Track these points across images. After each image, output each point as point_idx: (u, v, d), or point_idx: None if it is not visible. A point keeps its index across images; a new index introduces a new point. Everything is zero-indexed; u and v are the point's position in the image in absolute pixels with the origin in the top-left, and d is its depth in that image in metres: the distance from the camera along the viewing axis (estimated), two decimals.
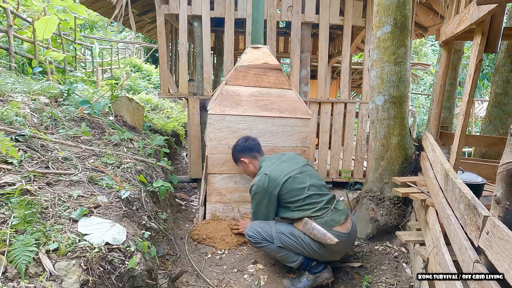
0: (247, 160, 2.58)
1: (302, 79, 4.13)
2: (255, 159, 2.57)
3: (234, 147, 2.67)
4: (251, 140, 2.64)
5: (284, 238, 2.20)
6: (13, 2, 5.80)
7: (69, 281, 1.27)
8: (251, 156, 2.58)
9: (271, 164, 2.37)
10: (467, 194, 1.44)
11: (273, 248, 2.22)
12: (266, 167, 2.34)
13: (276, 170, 2.29)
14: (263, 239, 2.24)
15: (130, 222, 1.83)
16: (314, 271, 2.20)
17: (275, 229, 2.24)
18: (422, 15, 4.89)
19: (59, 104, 3.11)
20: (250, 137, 2.69)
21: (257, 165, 2.53)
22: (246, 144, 2.61)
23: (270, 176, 2.25)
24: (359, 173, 4.24)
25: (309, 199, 2.20)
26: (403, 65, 2.67)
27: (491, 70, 8.52)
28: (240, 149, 2.61)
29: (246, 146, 2.60)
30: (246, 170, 2.64)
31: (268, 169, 2.31)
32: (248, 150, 2.59)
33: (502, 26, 1.89)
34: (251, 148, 2.59)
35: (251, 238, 2.28)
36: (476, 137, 3.24)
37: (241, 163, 2.64)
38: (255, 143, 2.64)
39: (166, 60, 4.01)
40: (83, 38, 9.76)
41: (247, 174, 2.70)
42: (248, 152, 2.59)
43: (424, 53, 15.57)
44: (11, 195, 1.54)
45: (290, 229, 2.23)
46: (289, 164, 2.36)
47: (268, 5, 3.84)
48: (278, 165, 2.35)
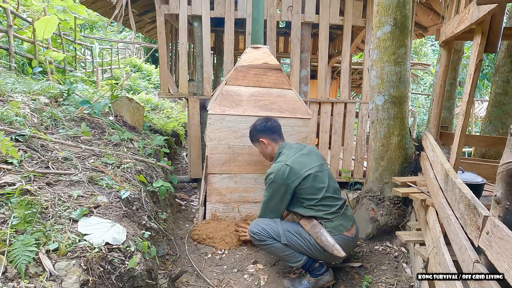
0: (266, 141, 2.45)
1: (302, 79, 4.13)
2: (274, 142, 2.45)
3: (253, 126, 2.51)
4: (272, 121, 2.50)
5: (291, 237, 2.16)
6: (13, 2, 5.80)
7: (69, 281, 1.27)
8: (271, 138, 2.45)
9: (292, 154, 2.26)
10: (467, 194, 1.44)
11: (278, 246, 2.16)
12: (288, 157, 2.24)
13: (298, 163, 2.19)
14: (268, 237, 2.18)
15: (130, 222, 1.83)
16: (316, 273, 2.18)
17: (282, 226, 2.20)
18: (422, 15, 4.89)
19: (59, 104, 3.11)
20: (271, 118, 2.55)
21: (276, 150, 2.42)
22: (267, 124, 2.47)
23: (292, 168, 2.15)
24: (359, 173, 4.24)
25: (324, 201, 2.16)
26: (403, 65, 2.67)
27: (491, 70, 8.52)
28: (261, 129, 2.46)
29: (268, 127, 2.46)
30: (264, 151, 2.51)
31: (289, 160, 2.20)
32: (269, 131, 2.46)
33: (502, 26, 1.89)
34: (272, 130, 2.46)
35: (255, 235, 2.21)
36: (476, 137, 3.24)
37: (259, 143, 2.50)
38: (277, 124, 2.51)
39: (166, 60, 4.01)
40: (83, 38, 9.76)
41: (263, 155, 2.58)
42: (268, 133, 2.45)
43: (424, 53, 15.57)
44: (11, 195, 1.54)
45: (296, 228, 2.20)
46: (310, 159, 2.27)
47: (268, 5, 3.84)
48: (300, 156, 2.25)
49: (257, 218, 2.39)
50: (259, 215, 2.38)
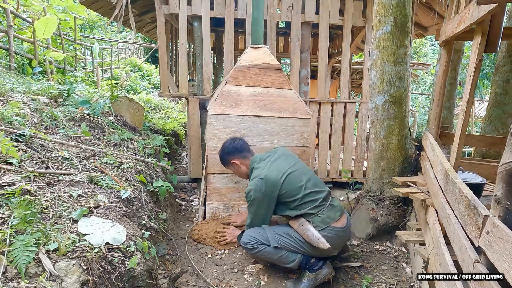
0: (238, 162, 2.49)
1: (302, 79, 4.13)
2: (246, 159, 2.49)
3: (221, 150, 2.55)
4: (238, 140, 2.55)
5: (280, 238, 2.20)
6: (13, 2, 5.80)
7: (69, 281, 1.27)
8: (241, 157, 2.49)
9: (265, 166, 2.29)
10: (467, 194, 1.44)
11: (269, 250, 2.19)
12: (261, 170, 2.26)
13: (272, 171, 2.23)
14: (259, 243, 2.21)
15: (130, 222, 1.83)
16: (314, 269, 2.20)
17: (270, 231, 2.24)
18: (422, 15, 4.89)
19: (59, 104, 3.11)
20: (236, 137, 2.60)
21: (249, 166, 2.45)
22: (234, 144, 2.51)
23: (267, 179, 2.18)
24: (359, 173, 4.24)
25: (306, 197, 2.20)
26: (403, 65, 2.67)
27: (491, 70, 8.52)
28: (230, 151, 2.50)
29: (235, 147, 2.50)
30: (238, 171, 2.55)
31: (263, 172, 2.22)
32: (237, 151, 2.49)
33: (502, 26, 1.89)
34: (240, 149, 2.50)
35: (247, 245, 2.24)
36: (476, 137, 3.24)
37: (232, 165, 2.53)
38: (243, 142, 2.55)
39: (166, 60, 4.01)
40: (83, 38, 9.76)
41: (239, 175, 2.61)
42: (238, 153, 2.49)
43: (424, 53, 15.58)
44: (11, 195, 1.54)
45: (285, 229, 2.24)
46: (283, 161, 2.31)
47: (268, 5, 3.84)
48: (272, 164, 2.29)
49: (245, 230, 2.39)
50: (247, 226, 2.38)
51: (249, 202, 2.27)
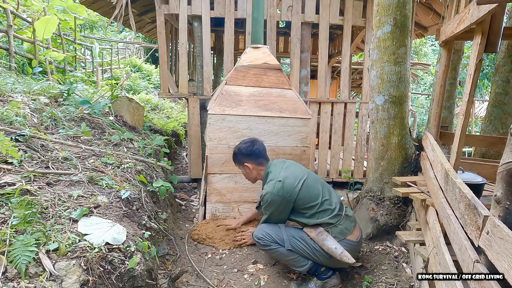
0: (251, 166, 2.40)
1: (302, 79, 4.13)
2: (260, 165, 2.40)
3: (238, 149, 2.43)
4: (258, 144, 2.42)
5: (296, 242, 2.15)
6: (13, 2, 5.80)
7: (69, 281, 1.27)
8: (256, 163, 2.40)
9: (279, 170, 2.24)
10: (467, 194, 1.44)
11: (282, 251, 2.16)
12: (277, 173, 2.22)
13: (289, 175, 2.18)
14: (272, 241, 2.17)
15: (130, 222, 1.83)
16: (323, 277, 2.17)
17: (286, 232, 2.19)
18: (422, 15, 4.89)
19: (59, 104, 3.11)
20: (257, 140, 2.46)
21: (262, 173, 2.40)
22: (253, 149, 2.39)
23: (285, 182, 2.14)
24: (359, 173, 4.24)
25: (322, 206, 2.15)
26: (403, 65, 2.67)
27: (491, 70, 8.51)
28: (247, 153, 2.40)
29: (254, 152, 2.39)
30: (247, 174, 2.48)
31: (280, 175, 2.18)
32: (254, 156, 2.39)
33: (502, 26, 1.89)
34: (258, 154, 2.40)
35: (260, 241, 2.20)
36: (476, 137, 3.24)
37: (243, 167, 2.44)
38: (262, 148, 2.44)
39: (166, 60, 4.01)
40: (83, 38, 9.76)
41: (246, 177, 2.53)
42: (254, 158, 2.39)
43: (424, 53, 15.58)
44: (11, 195, 1.54)
45: (300, 234, 2.18)
46: (297, 168, 2.29)
47: (268, 5, 3.84)
48: (287, 168, 2.25)
49: (259, 225, 2.37)
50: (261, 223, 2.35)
51: (265, 204, 2.20)
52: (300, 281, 2.31)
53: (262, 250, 2.32)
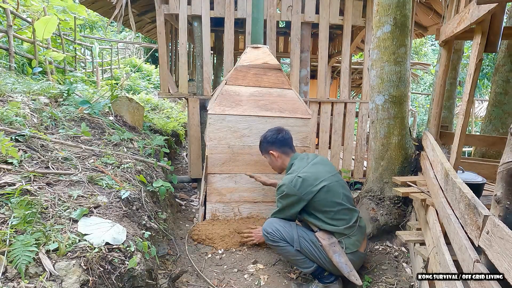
0: (276, 154, 2.38)
1: (302, 79, 4.13)
2: (285, 155, 2.38)
3: (264, 137, 2.44)
4: (284, 133, 2.41)
5: (305, 244, 2.12)
6: (13, 2, 5.80)
7: (69, 281, 1.27)
8: (281, 151, 2.38)
9: (304, 165, 2.19)
10: (467, 193, 1.44)
11: (290, 250, 2.14)
12: (300, 168, 2.18)
13: (311, 174, 2.13)
14: (281, 239, 2.15)
15: (130, 222, 1.83)
16: (325, 281, 2.15)
17: (297, 232, 2.15)
18: (422, 15, 4.89)
19: (59, 104, 3.11)
20: (282, 129, 2.45)
21: (287, 162, 2.36)
22: (278, 136, 2.39)
23: (305, 180, 2.09)
24: (359, 173, 4.24)
25: (339, 214, 2.11)
26: (403, 64, 2.67)
27: (491, 69, 8.52)
28: (272, 141, 2.40)
29: (279, 139, 2.38)
30: (273, 163, 2.45)
31: (302, 171, 2.14)
32: (279, 143, 2.38)
33: (502, 25, 1.89)
34: (283, 142, 2.38)
35: (269, 235, 2.18)
36: (476, 137, 3.24)
37: (268, 155, 2.44)
38: (288, 136, 2.42)
39: (166, 60, 4.01)
40: (83, 38, 9.76)
41: (272, 167, 2.52)
42: (279, 146, 2.38)
43: (424, 53, 15.58)
44: (11, 195, 1.54)
45: (312, 237, 2.15)
46: (323, 169, 2.21)
47: (268, 5, 3.84)
48: (311, 167, 2.19)
49: (270, 218, 2.33)
50: (272, 215, 2.33)
51: (279, 196, 2.18)
52: (300, 281, 2.31)
53: (268, 245, 2.29)
